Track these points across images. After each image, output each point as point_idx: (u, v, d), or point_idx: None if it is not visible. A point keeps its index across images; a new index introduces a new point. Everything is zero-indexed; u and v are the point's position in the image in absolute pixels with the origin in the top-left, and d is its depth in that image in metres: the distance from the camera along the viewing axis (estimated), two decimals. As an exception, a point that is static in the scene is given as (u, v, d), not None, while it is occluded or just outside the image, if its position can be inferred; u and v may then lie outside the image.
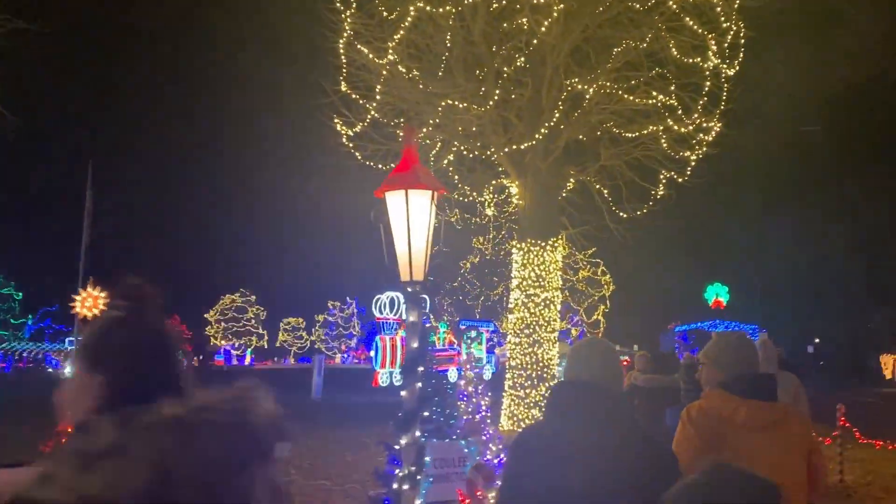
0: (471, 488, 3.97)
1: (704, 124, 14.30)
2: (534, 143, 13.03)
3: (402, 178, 4.55)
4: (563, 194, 16.62)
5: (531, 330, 13.91)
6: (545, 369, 13.90)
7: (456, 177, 14.71)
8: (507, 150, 13.17)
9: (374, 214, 4.65)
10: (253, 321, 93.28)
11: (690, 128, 14.15)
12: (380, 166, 15.00)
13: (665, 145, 14.53)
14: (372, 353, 30.47)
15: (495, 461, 8.27)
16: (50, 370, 58.22)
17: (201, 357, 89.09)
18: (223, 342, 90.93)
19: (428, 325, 24.79)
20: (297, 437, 14.06)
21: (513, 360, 14.11)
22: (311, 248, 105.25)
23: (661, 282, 59.08)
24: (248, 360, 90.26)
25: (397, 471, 4.26)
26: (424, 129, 12.84)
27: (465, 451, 6.07)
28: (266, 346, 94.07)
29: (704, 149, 14.63)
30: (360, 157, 14.87)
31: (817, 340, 62.90)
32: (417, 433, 4.43)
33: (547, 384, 13.78)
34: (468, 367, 8.62)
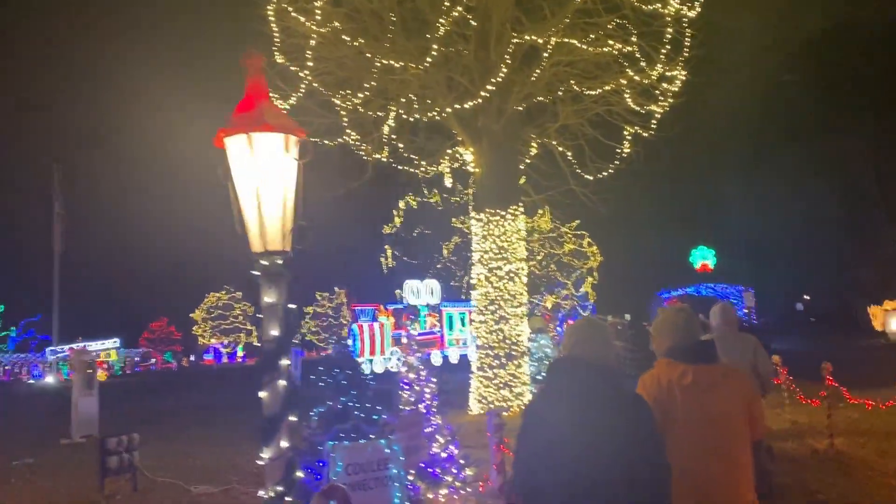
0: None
1: (668, 73, 13.33)
2: (480, 101, 11.99)
3: (244, 118, 3.55)
4: (528, 161, 15.66)
5: (496, 306, 12.95)
6: (513, 346, 12.97)
7: (401, 145, 13.64)
8: (450, 109, 12.09)
9: (223, 171, 3.65)
10: (241, 317, 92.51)
11: (654, 77, 13.17)
12: (325, 142, 13.98)
13: (629, 99, 13.58)
14: (349, 342, 29.58)
15: (443, 454, 7.38)
16: (31, 381, 57.20)
17: (192, 357, 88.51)
18: (212, 340, 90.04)
19: (408, 308, 23.72)
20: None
21: (479, 339, 13.17)
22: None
23: (647, 249, 58.57)
24: (239, 358, 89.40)
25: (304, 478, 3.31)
26: (361, 95, 11.77)
27: (387, 451, 5.15)
28: (256, 342, 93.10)
29: (670, 100, 13.67)
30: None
31: (807, 297, 62.62)
32: (284, 444, 3.48)
33: (516, 362, 12.87)
34: (409, 351, 7.70)
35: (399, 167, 14.17)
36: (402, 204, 49.03)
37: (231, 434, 13.92)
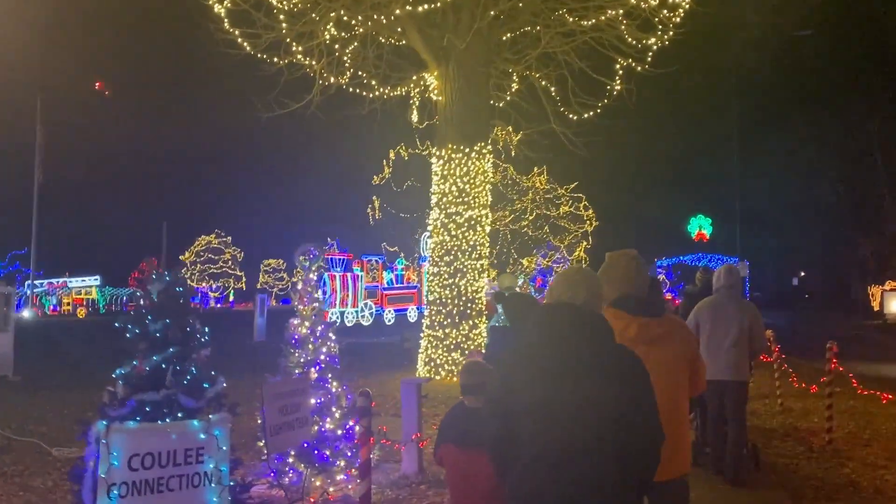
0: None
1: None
2: (440, 4, 10.06)
3: None
4: (507, 97, 13.84)
5: (452, 257, 11.24)
6: (469, 304, 11.30)
7: (346, 59, 11.71)
8: (399, 11, 10.12)
9: None
10: (230, 263, 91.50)
11: (654, 4, 11.29)
12: (275, 59, 12.16)
13: (625, 32, 11.73)
14: (319, 294, 28.08)
15: (339, 432, 5.79)
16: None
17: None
18: (202, 284, 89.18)
19: (382, 261, 22.35)
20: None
21: (431, 293, 11.50)
22: (288, 188, 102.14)
23: (645, 216, 56.94)
24: (227, 302, 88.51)
25: None
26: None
27: (201, 437, 3.55)
28: (245, 289, 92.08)
29: (670, 32, 11.80)
30: (249, 49, 12.00)
31: (803, 273, 61.12)
32: None
33: (471, 322, 11.24)
34: (305, 298, 6.04)
35: (352, 90, 12.31)
36: (392, 154, 47.17)
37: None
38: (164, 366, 3.79)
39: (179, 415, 3.61)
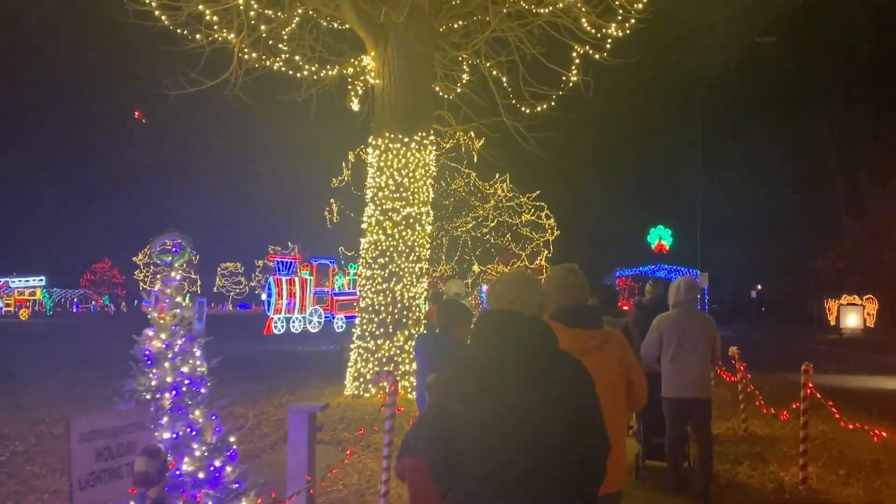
0: None
1: (633, -16, 10.49)
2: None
3: None
4: (458, 89, 12.77)
5: (387, 259, 10.04)
6: (406, 312, 10.11)
7: (262, 26, 10.42)
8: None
9: None
10: (185, 265, 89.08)
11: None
12: (197, 36, 10.88)
13: (584, 21, 10.78)
14: (265, 297, 26.55)
15: (200, 475, 4.54)
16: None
17: (135, 302, 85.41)
18: (155, 287, 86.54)
19: (334, 265, 20.88)
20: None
21: (363, 299, 10.28)
22: (247, 190, 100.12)
23: (605, 225, 56.58)
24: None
25: None
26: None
27: None
28: (199, 292, 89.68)
29: (632, 20, 10.85)
30: (167, 22, 10.71)
31: (760, 286, 61.36)
32: None
33: (407, 332, 10.04)
34: (164, 306, 4.78)
35: (278, 70, 11.04)
36: (351, 156, 45.80)
37: (57, 395, 10.89)
38: None
39: None
